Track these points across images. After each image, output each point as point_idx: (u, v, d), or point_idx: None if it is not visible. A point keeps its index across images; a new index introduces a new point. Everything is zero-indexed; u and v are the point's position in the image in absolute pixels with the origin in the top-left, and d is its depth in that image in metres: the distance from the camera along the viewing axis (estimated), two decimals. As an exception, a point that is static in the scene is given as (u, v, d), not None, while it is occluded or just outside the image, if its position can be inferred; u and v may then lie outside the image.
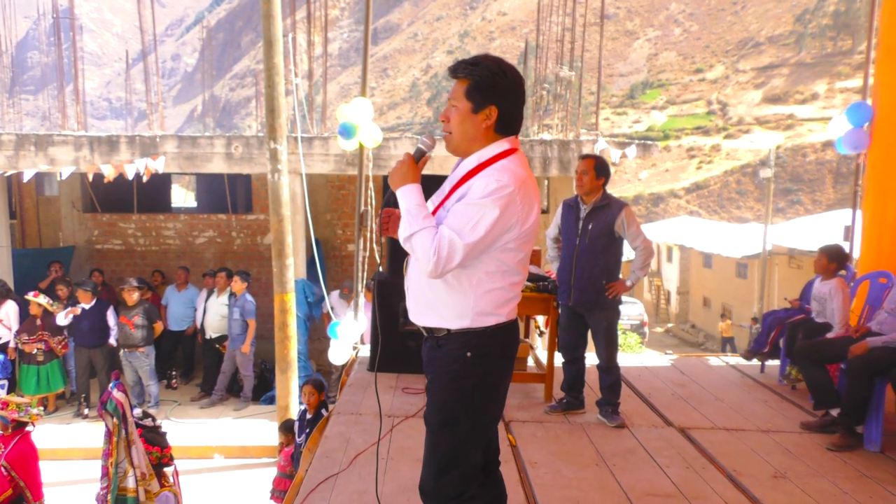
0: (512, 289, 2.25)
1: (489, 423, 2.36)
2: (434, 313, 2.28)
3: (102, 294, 9.46)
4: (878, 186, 5.42)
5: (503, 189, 2.10)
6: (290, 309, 6.85)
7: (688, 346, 25.76)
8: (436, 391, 2.32)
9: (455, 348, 2.24)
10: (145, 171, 8.69)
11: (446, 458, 2.28)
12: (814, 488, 3.43)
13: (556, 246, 4.62)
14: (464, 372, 2.24)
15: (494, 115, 2.20)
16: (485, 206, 2.10)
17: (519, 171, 2.16)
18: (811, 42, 74.69)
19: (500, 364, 2.31)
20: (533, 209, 2.19)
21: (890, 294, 4.20)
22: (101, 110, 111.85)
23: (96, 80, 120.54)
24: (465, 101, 2.21)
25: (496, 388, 2.33)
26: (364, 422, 4.28)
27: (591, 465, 3.70)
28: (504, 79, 2.19)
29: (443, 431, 2.29)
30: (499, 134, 2.23)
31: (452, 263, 2.10)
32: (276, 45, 6.46)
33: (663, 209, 59.01)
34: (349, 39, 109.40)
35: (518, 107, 2.25)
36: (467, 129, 2.22)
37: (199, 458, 7.66)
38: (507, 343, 2.30)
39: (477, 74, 2.19)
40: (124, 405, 4.22)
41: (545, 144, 9.52)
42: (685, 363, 6.20)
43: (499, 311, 2.24)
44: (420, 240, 2.12)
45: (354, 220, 7.45)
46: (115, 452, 4.19)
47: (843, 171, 51.59)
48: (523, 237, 2.20)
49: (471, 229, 2.09)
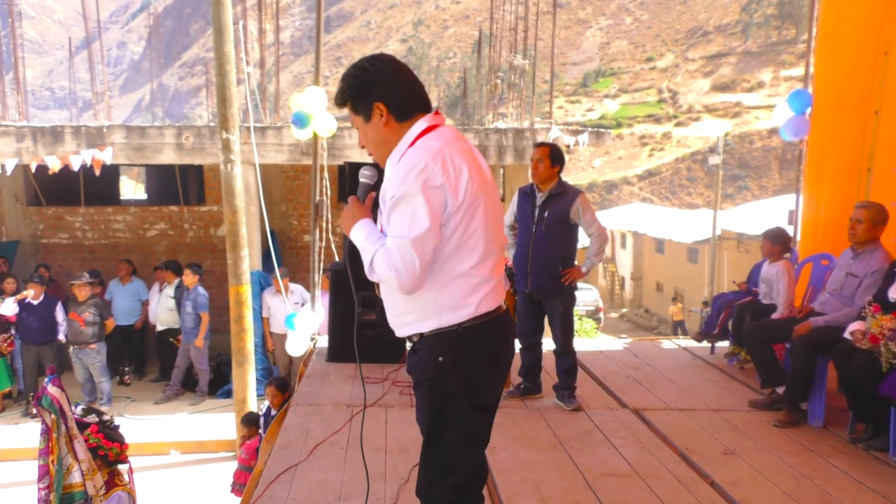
0: (475, 272, 2.05)
1: (481, 428, 2.20)
2: (405, 321, 2.15)
3: (50, 290, 9.17)
4: (814, 171, 5.62)
5: (413, 169, 1.95)
6: (246, 301, 6.75)
7: (642, 331, 26.34)
8: (418, 399, 2.19)
9: (426, 353, 2.10)
10: (93, 162, 8.43)
11: (437, 465, 2.15)
12: (761, 463, 3.56)
13: (512, 233, 4.65)
14: (439, 378, 2.08)
15: (384, 109, 2.07)
16: (405, 196, 1.95)
17: (432, 145, 2.01)
18: (757, 31, 76.54)
19: (481, 366, 2.11)
20: (462, 173, 2.00)
21: (831, 276, 4.36)
22: (44, 100, 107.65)
23: (38, 68, 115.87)
24: (356, 117, 2.13)
25: (482, 394, 2.14)
26: (323, 412, 4.26)
27: (548, 448, 3.76)
28: (366, 73, 2.08)
29: (430, 441, 2.15)
30: (403, 121, 2.09)
31: (415, 267, 1.93)
32: (227, 33, 6.32)
33: (617, 196, 59.97)
34: (301, 27, 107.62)
35: (404, 85, 2.09)
36: (375, 139, 2.12)
37: (154, 454, 7.52)
38: (485, 342, 2.09)
39: (347, 91, 2.11)
40: (60, 400, 4.08)
41: (500, 133, 9.57)
42: (639, 346, 6.33)
43: (467, 302, 2.05)
44: (377, 261, 1.98)
45: (310, 210, 7.37)
46: (57, 449, 4.08)
47: (787, 157, 53.07)
48: (464, 207, 2.00)
49: (409, 225, 1.94)
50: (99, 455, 4.39)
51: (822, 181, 5.39)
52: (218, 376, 9.51)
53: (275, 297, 9.01)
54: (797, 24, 68.12)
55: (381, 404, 4.43)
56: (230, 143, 6.57)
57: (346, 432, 3.94)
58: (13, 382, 8.78)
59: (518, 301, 4.58)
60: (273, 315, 9.11)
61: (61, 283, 10.46)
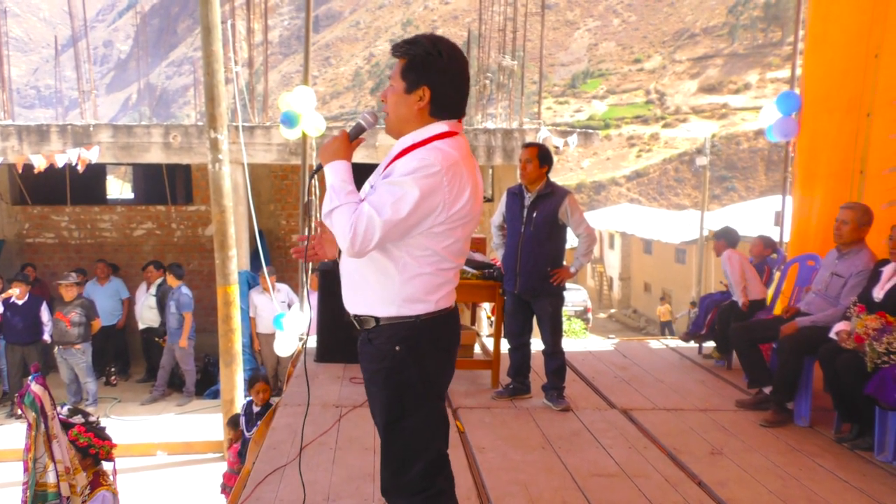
0: (441, 274, 2.12)
1: (438, 414, 2.24)
2: (362, 299, 2.18)
3: (35, 289, 9.08)
4: (805, 173, 5.63)
5: (427, 168, 1.99)
6: (234, 301, 6.72)
7: (630, 331, 26.36)
8: (374, 390, 2.21)
9: (383, 342, 2.13)
10: (79, 161, 8.35)
11: (401, 456, 2.19)
12: (748, 463, 3.58)
13: (500, 234, 4.66)
14: (397, 367, 2.13)
15: (427, 97, 2.09)
16: (405, 184, 1.99)
17: (450, 153, 2.04)
18: (743, 33, 76.46)
19: (436, 357, 2.18)
20: (463, 193, 2.05)
21: (817, 276, 4.40)
22: (29, 99, 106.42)
23: (23, 66, 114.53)
24: (399, 80, 2.12)
25: (435, 382, 2.21)
26: (311, 412, 4.23)
27: (537, 449, 3.76)
28: (439, 58, 2.08)
29: (391, 431, 2.18)
30: (434, 117, 2.12)
31: (371, 242, 1.98)
32: (215, 32, 6.29)
33: (605, 197, 59.94)
34: (290, 27, 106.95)
35: (455, 89, 2.13)
36: (401, 110, 2.13)
37: (141, 455, 7.45)
38: (439, 334, 2.17)
39: (412, 53, 2.10)
40: (42, 399, 4.04)
41: (489, 133, 9.58)
42: (627, 347, 6.35)
43: (428, 298, 2.12)
44: (339, 215, 2.01)
45: (299, 210, 7.35)
46: (34, 447, 4.04)
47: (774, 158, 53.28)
48: (451, 222, 2.06)
49: (390, 207, 1.97)
50: (90, 454, 4.35)
51: (813, 183, 5.40)
52: (205, 377, 9.45)
53: (261, 296, 8.97)
54: (783, 27, 68.20)
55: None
56: (218, 142, 6.53)
57: (334, 433, 3.93)
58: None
59: (507, 301, 4.58)
60: (259, 315, 9.05)
61: (47, 282, 10.36)
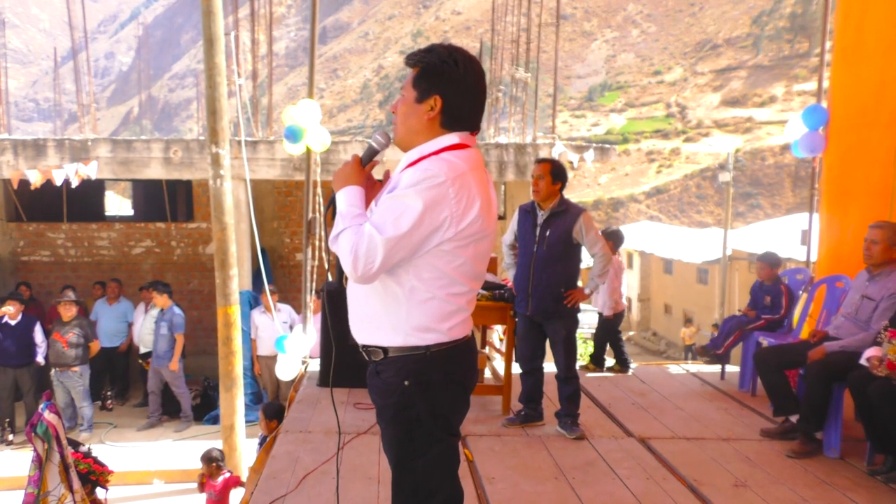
0: (452, 300, 1.99)
1: (451, 451, 2.13)
2: (369, 327, 2.06)
3: (30, 309, 8.89)
4: (836, 189, 5.46)
5: (431, 180, 1.88)
6: (235, 322, 6.54)
7: (649, 355, 25.70)
8: (383, 426, 2.11)
9: (391, 376, 2.01)
10: (76, 176, 8.21)
11: (412, 496, 2.08)
12: (774, 496, 3.42)
13: (512, 253, 4.54)
14: (406, 403, 2.01)
15: (439, 106, 2.00)
16: (407, 197, 1.88)
17: (458, 164, 1.94)
18: (768, 44, 75.15)
19: (448, 390, 2.05)
20: (472, 206, 1.93)
21: (846, 298, 4.24)
22: (28, 112, 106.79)
23: (21, 79, 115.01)
24: (411, 89, 2.04)
25: (447, 419, 2.09)
26: (314, 440, 4.10)
27: (550, 479, 3.62)
28: (453, 68, 1.99)
29: (401, 469, 2.08)
30: (445, 128, 2.03)
31: (374, 263, 1.87)
32: (218, 44, 6.18)
33: (623, 214, 58.96)
34: (296, 38, 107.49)
35: (469, 100, 2.04)
36: (411, 121, 2.04)
37: (137, 483, 7.24)
38: (452, 368, 2.04)
39: (426, 61, 2.02)
40: (57, 427, 4.00)
41: (501, 148, 9.46)
42: (645, 371, 6.19)
43: (439, 327, 1.99)
44: (343, 238, 1.92)
45: (302, 227, 7.20)
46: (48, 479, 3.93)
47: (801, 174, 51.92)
48: (461, 239, 1.94)
49: (392, 224, 1.87)
50: (90, 480, 4.27)
51: (846, 201, 5.24)
52: (205, 401, 9.24)
53: (263, 316, 8.77)
54: (810, 38, 66.34)
55: (374, 432, 4.24)
56: (220, 157, 6.40)
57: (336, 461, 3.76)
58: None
59: (518, 324, 4.45)
60: (260, 336, 8.84)
61: (42, 302, 10.18)
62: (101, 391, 9.44)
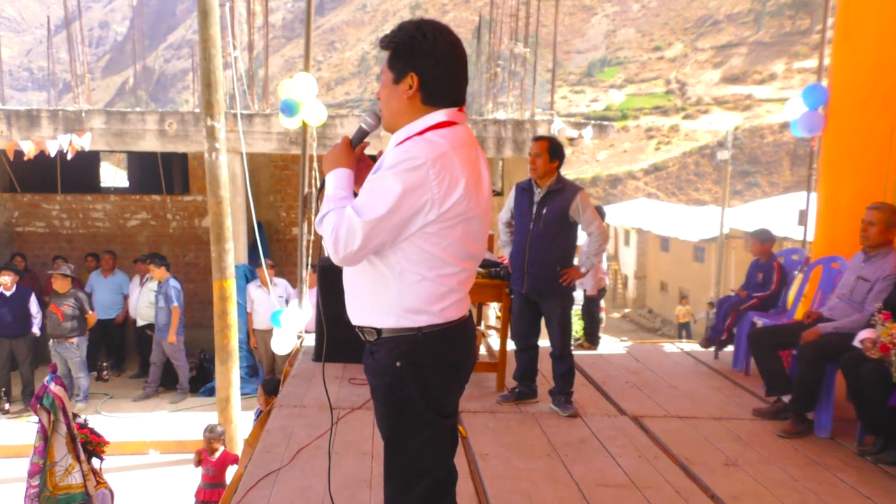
0: (443, 281, 1.96)
1: (444, 432, 2.11)
2: (362, 308, 2.05)
3: (25, 280, 8.86)
4: (833, 170, 5.41)
5: (409, 161, 1.85)
6: (230, 296, 6.51)
7: (645, 332, 25.57)
8: (377, 406, 2.10)
9: (384, 356, 2.00)
10: (70, 148, 8.12)
11: (403, 475, 2.07)
12: (765, 476, 3.44)
13: (508, 230, 4.51)
14: (398, 384, 2.00)
15: (416, 83, 1.95)
16: (385, 179, 1.87)
17: (439, 143, 1.90)
18: (769, 20, 73.25)
19: (441, 373, 2.03)
20: (455, 187, 1.89)
21: (841, 279, 4.23)
22: (22, 81, 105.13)
23: (15, 47, 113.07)
24: (388, 71, 2.01)
25: (439, 402, 2.05)
26: (308, 414, 4.12)
27: (542, 456, 3.64)
28: (423, 41, 1.94)
29: (393, 449, 2.07)
30: (428, 105, 1.98)
31: (353, 246, 1.86)
32: (213, 15, 6.07)
33: (621, 191, 58.06)
34: (293, 9, 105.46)
35: (447, 73, 1.98)
36: (393, 104, 2.01)
37: (133, 453, 7.27)
38: (445, 349, 2.01)
39: (396, 40, 1.98)
40: (63, 399, 4.05)
41: (499, 124, 9.35)
42: (640, 350, 6.22)
43: (430, 309, 1.96)
44: (327, 221, 1.92)
45: (298, 202, 7.16)
46: (55, 450, 3.99)
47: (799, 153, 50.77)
48: (445, 220, 1.90)
49: (371, 206, 1.86)
50: (87, 450, 4.31)
51: (842, 181, 5.18)
52: (201, 373, 9.26)
53: (259, 290, 8.76)
54: (812, 14, 64.60)
55: (369, 407, 4.25)
56: (215, 130, 6.32)
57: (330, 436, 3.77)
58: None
59: (514, 302, 4.44)
60: (256, 310, 8.84)
61: (37, 273, 10.14)
62: (97, 362, 9.46)
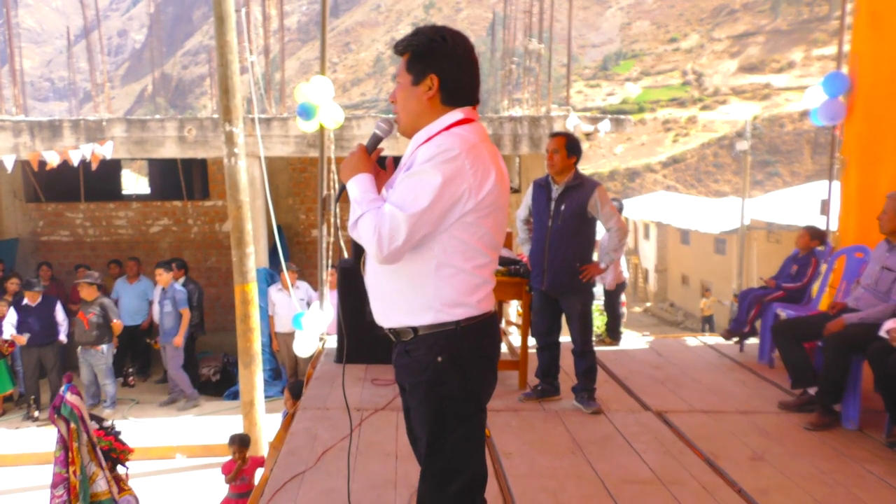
0: (478, 272, 2.02)
1: (481, 427, 2.15)
2: (397, 310, 2.07)
3: (51, 289, 9.01)
4: (866, 158, 5.28)
5: (446, 153, 1.92)
6: (252, 300, 6.58)
7: (667, 326, 25.27)
8: (415, 404, 2.11)
9: (423, 353, 2.03)
10: (92, 157, 8.25)
11: (442, 472, 2.09)
12: (792, 469, 3.40)
13: (526, 228, 4.51)
14: (440, 379, 2.03)
15: (436, 84, 2.03)
16: (425, 172, 1.91)
17: (469, 137, 1.98)
18: (787, 8, 71.70)
19: (478, 365, 2.08)
20: (488, 177, 1.97)
21: (866, 269, 4.17)
22: (43, 91, 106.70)
23: (36, 58, 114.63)
24: (406, 74, 2.07)
25: (479, 394, 2.12)
26: (332, 416, 4.13)
27: (566, 454, 3.63)
28: (442, 44, 2.02)
29: (433, 445, 2.08)
30: (447, 105, 2.05)
31: (398, 241, 1.89)
32: (229, 21, 6.13)
33: (640, 184, 57.33)
34: (308, 12, 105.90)
35: (464, 73, 2.06)
36: (411, 105, 2.07)
37: (159, 458, 7.37)
38: (482, 342, 2.07)
39: (415, 44, 2.05)
40: (81, 408, 4.07)
41: (515, 121, 9.32)
42: (662, 344, 6.16)
43: (468, 300, 2.01)
44: (363, 222, 1.94)
45: (317, 204, 7.20)
46: (78, 458, 4.02)
47: (820, 141, 49.88)
48: (480, 210, 1.97)
49: (413, 200, 1.90)
50: (111, 458, 4.33)
51: (875, 168, 5.04)
52: (225, 377, 9.34)
53: (280, 294, 8.81)
54: (830, 1, 63.32)
55: (392, 408, 4.27)
56: (233, 135, 6.38)
57: (355, 438, 3.79)
58: (14, 385, 8.61)
59: (533, 299, 4.43)
60: (278, 313, 8.88)
61: (62, 281, 10.30)
62: (124, 368, 9.59)
